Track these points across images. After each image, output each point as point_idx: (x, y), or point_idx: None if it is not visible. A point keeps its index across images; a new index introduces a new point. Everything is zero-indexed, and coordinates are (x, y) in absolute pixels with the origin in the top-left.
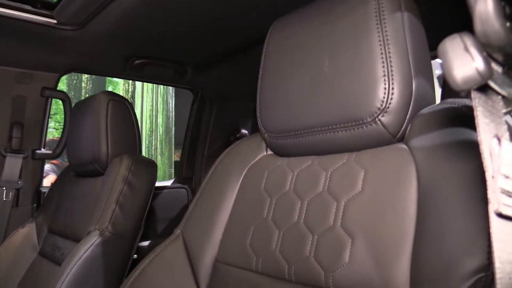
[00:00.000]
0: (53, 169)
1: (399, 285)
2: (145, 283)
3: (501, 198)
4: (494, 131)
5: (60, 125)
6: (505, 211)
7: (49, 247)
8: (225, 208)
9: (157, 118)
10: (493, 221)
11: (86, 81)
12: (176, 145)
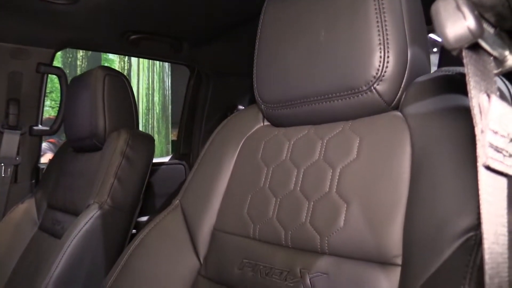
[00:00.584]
0: (51, 147)
1: (392, 247)
2: (144, 252)
3: (489, 152)
4: (484, 88)
5: (56, 104)
6: (493, 165)
7: (49, 221)
8: (222, 178)
9: (153, 97)
10: (482, 174)
11: (81, 59)
12: (173, 124)
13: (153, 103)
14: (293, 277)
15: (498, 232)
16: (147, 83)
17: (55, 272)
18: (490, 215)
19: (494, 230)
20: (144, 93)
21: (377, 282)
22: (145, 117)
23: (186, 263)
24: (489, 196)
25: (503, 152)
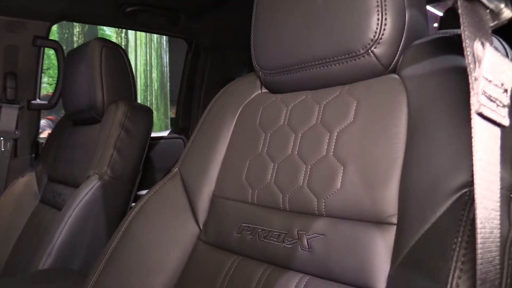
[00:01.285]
0: (49, 124)
1: (388, 207)
2: (145, 218)
3: (482, 100)
4: (479, 38)
5: (54, 80)
6: (486, 112)
7: (49, 194)
8: (221, 145)
9: (151, 73)
10: (475, 123)
11: (77, 35)
12: (172, 101)
13: (151, 79)
14: (291, 239)
15: (491, 188)
16: (145, 59)
17: (57, 242)
18: (484, 171)
19: (486, 185)
20: (142, 69)
21: (372, 241)
22: (143, 93)
23: (185, 228)
24: (482, 147)
25: (497, 102)
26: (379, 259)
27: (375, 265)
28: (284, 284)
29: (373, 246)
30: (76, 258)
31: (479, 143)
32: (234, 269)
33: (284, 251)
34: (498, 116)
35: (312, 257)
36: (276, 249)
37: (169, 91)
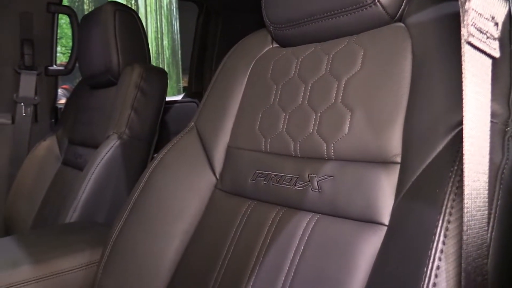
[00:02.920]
0: (65, 93)
1: (393, 147)
2: (164, 170)
3: (472, 30)
4: None
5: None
6: (475, 42)
7: (71, 156)
8: (235, 99)
9: (162, 41)
10: (465, 52)
11: (88, 3)
12: (184, 70)
13: (163, 47)
14: (302, 182)
15: (479, 114)
16: (156, 27)
17: (81, 198)
18: (473, 98)
19: (476, 111)
20: (153, 36)
21: (378, 180)
22: (155, 61)
23: (203, 178)
24: (472, 75)
25: (487, 34)
26: (384, 196)
27: (380, 201)
28: (295, 223)
29: (379, 184)
30: (100, 212)
31: (469, 71)
32: (249, 213)
33: (295, 193)
34: (489, 47)
35: (321, 197)
36: (288, 192)
37: (180, 59)
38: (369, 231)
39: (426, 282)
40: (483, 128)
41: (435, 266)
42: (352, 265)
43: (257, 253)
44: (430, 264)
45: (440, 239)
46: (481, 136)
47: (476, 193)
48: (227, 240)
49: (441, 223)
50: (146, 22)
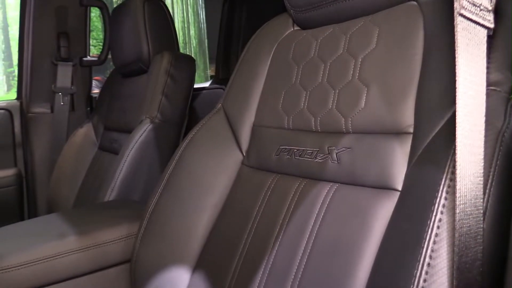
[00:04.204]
0: (97, 84)
1: (406, 118)
2: (194, 148)
3: (464, 4)
4: None
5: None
6: (468, 14)
7: (107, 141)
8: (259, 81)
9: (189, 31)
10: (457, 23)
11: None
12: (210, 59)
13: (190, 37)
14: (322, 154)
15: (474, 85)
16: (182, 17)
17: (118, 179)
18: (466, 66)
19: (469, 83)
20: (179, 26)
21: (392, 150)
22: (182, 51)
23: (230, 155)
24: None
25: (481, 6)
26: (397, 164)
27: (394, 169)
28: (316, 193)
29: (393, 154)
30: (136, 191)
31: (462, 41)
32: (273, 186)
33: (316, 165)
34: (482, 19)
35: (340, 168)
36: (310, 164)
37: (207, 48)
38: (383, 197)
39: (429, 233)
40: (477, 92)
41: (437, 219)
42: (368, 228)
43: (281, 221)
44: (433, 217)
45: (442, 195)
46: (476, 101)
47: (469, 151)
48: (253, 211)
49: (444, 181)
50: (173, 12)
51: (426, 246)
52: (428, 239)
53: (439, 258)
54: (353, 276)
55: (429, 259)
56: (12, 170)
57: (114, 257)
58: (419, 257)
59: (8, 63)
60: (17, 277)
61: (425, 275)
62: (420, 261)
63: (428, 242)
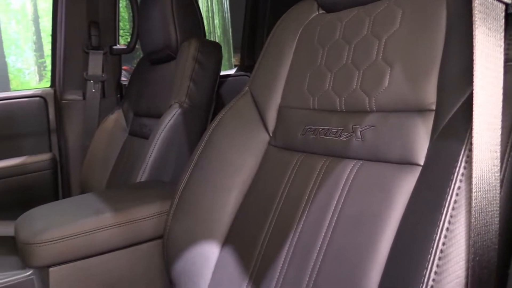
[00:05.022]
0: (124, 74)
1: (429, 96)
2: (223, 130)
3: None
4: None
5: (124, 32)
6: None
7: (136, 127)
8: (284, 64)
9: (213, 20)
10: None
11: None
12: (235, 48)
13: (214, 26)
14: (347, 133)
15: (490, 58)
16: (206, 6)
17: (148, 162)
18: (483, 40)
19: (485, 57)
20: (204, 16)
21: (415, 127)
22: None
23: (258, 136)
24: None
25: None
26: (420, 140)
27: (417, 145)
28: (341, 170)
29: (416, 130)
30: (166, 173)
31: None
32: (299, 164)
33: (341, 143)
34: None
35: (364, 145)
36: (334, 142)
37: (231, 37)
38: (406, 171)
39: (448, 200)
40: (494, 65)
41: (457, 187)
42: (390, 201)
43: (307, 197)
44: (452, 185)
45: (461, 164)
46: (493, 73)
47: (486, 120)
48: (279, 188)
49: (463, 152)
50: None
51: (445, 213)
52: (447, 206)
53: (457, 223)
54: (376, 246)
55: (448, 224)
56: (48, 154)
57: (147, 233)
58: (438, 223)
59: (39, 54)
60: (59, 249)
61: (444, 238)
62: (439, 226)
63: (447, 208)
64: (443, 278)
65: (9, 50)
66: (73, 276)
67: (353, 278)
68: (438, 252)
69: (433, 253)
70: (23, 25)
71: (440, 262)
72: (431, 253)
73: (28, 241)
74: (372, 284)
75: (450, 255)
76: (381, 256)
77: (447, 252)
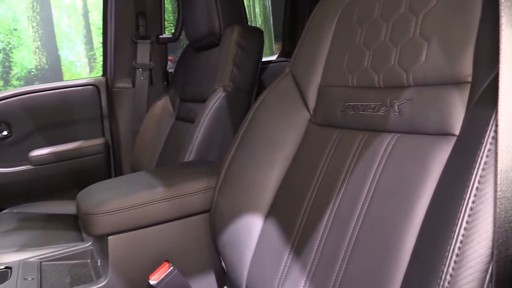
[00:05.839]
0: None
1: (465, 68)
2: (265, 110)
3: None
4: None
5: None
6: None
7: (183, 111)
8: (324, 45)
9: (254, 8)
10: None
11: None
12: (276, 37)
13: (255, 15)
14: (385, 107)
15: None
16: None
17: (195, 143)
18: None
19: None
20: (245, 4)
21: (451, 99)
22: None
23: (299, 114)
24: None
25: None
26: (456, 111)
27: (453, 116)
28: (378, 143)
29: (452, 102)
30: (212, 153)
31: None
32: (338, 140)
33: (379, 118)
34: None
35: (401, 118)
36: (373, 117)
37: (272, 26)
38: (442, 142)
39: (478, 162)
40: None
41: (487, 149)
42: (426, 171)
43: (345, 171)
44: (483, 148)
45: (492, 128)
46: None
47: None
48: (320, 163)
49: (494, 116)
50: None
51: (475, 173)
52: (477, 167)
53: (486, 182)
54: (411, 214)
55: (477, 184)
56: (101, 139)
57: (195, 206)
58: (468, 183)
59: (89, 47)
60: (116, 219)
61: (474, 197)
62: (469, 186)
63: (477, 170)
64: (472, 234)
65: (61, 44)
66: (129, 244)
67: (389, 244)
68: (468, 209)
69: (463, 210)
70: (74, 20)
71: (469, 218)
72: (461, 210)
73: (89, 212)
74: (407, 250)
75: (479, 212)
76: (416, 223)
77: (476, 209)
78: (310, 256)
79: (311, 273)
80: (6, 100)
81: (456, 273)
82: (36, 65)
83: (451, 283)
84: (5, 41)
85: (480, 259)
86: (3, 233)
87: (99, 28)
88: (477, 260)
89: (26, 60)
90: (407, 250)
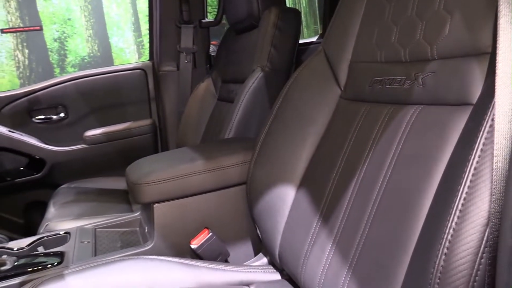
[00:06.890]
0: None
1: (485, 40)
2: (298, 86)
3: None
4: None
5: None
6: None
7: (224, 92)
8: (355, 23)
9: None
10: None
11: None
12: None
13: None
14: (410, 81)
15: None
16: None
17: (234, 121)
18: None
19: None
20: None
21: (471, 69)
22: None
23: (330, 91)
24: None
25: None
26: (475, 81)
27: (473, 86)
28: (402, 115)
29: (472, 73)
30: (250, 130)
31: None
32: (366, 114)
33: (404, 91)
34: None
35: (425, 90)
36: (398, 91)
37: (317, 8)
38: (461, 111)
39: (484, 125)
40: None
41: (492, 114)
42: (444, 139)
43: (371, 142)
44: (489, 113)
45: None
46: None
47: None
48: (348, 136)
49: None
50: None
51: (481, 136)
52: (483, 130)
53: (491, 144)
54: (429, 179)
55: (482, 146)
56: (149, 120)
57: (233, 178)
58: (474, 146)
59: (137, 34)
60: (162, 189)
61: (478, 158)
62: (474, 148)
63: (483, 132)
64: (475, 191)
65: (111, 31)
66: (172, 212)
67: (408, 208)
68: (472, 169)
69: (468, 171)
70: (123, 8)
71: (473, 177)
72: (466, 171)
73: (137, 182)
74: (423, 212)
75: (482, 172)
76: (433, 188)
77: (479, 169)
78: (336, 222)
79: (337, 238)
80: (63, 84)
81: (459, 227)
82: (89, 53)
83: (453, 236)
84: (60, 31)
85: (481, 214)
86: (62, 204)
87: (146, 15)
88: (478, 215)
89: (80, 48)
90: (423, 213)
